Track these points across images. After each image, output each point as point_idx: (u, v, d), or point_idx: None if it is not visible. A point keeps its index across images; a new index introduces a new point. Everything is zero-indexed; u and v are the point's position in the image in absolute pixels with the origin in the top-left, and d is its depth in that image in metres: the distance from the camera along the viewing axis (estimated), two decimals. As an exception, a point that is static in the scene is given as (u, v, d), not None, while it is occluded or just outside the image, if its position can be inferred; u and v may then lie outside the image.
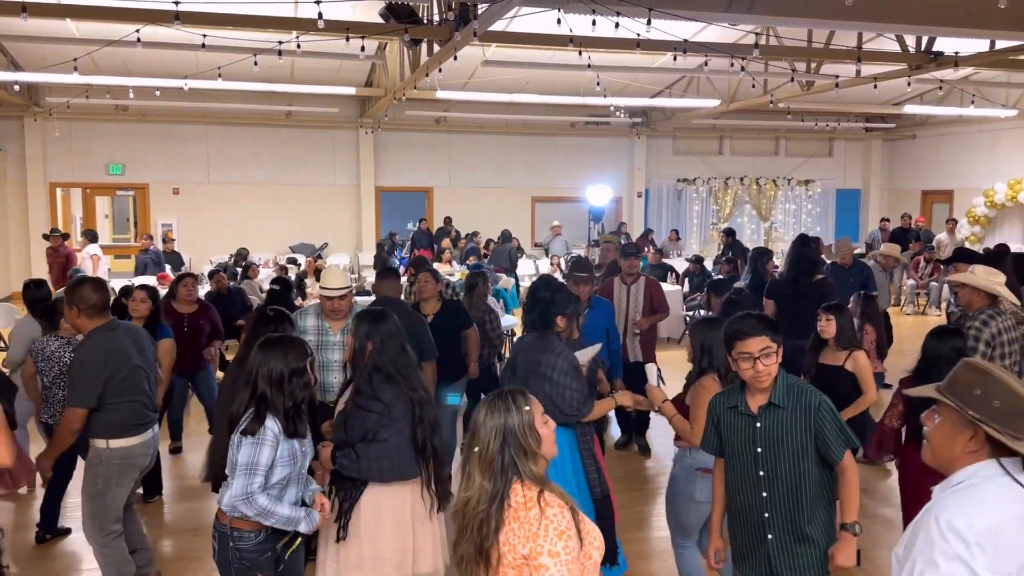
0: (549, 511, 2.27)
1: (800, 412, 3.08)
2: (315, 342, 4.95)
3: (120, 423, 4.09)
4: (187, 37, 8.99)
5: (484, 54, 12.41)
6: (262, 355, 3.25)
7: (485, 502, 2.32)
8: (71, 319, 4.14)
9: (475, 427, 2.41)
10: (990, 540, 1.90)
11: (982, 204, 17.08)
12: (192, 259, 15.56)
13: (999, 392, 2.03)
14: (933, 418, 2.15)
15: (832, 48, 11.34)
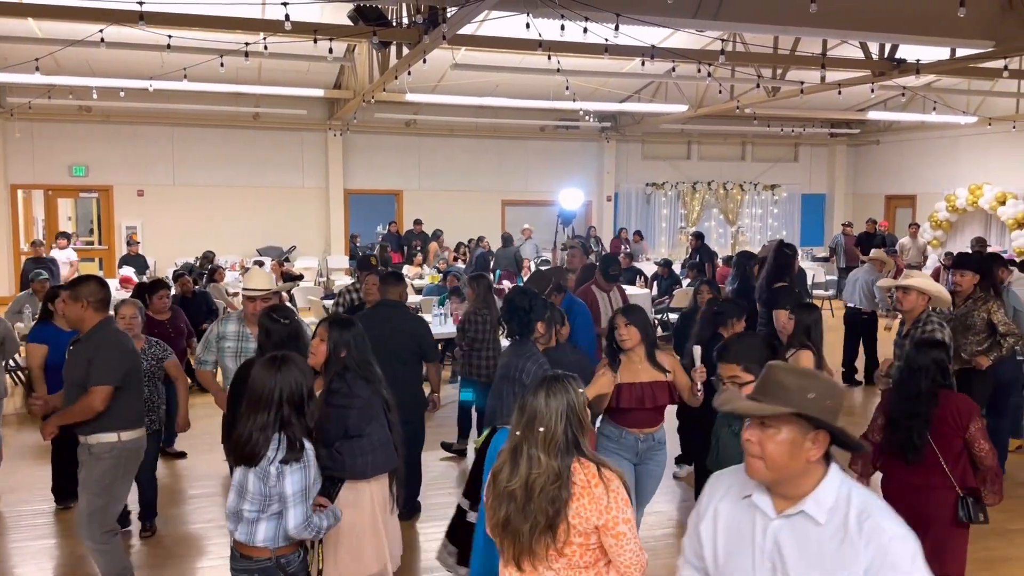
0: (613, 485, 2.54)
1: None
2: (235, 349, 4.84)
3: (133, 415, 4.26)
4: (152, 38, 8.88)
5: (454, 57, 12.42)
6: (279, 376, 3.14)
7: (553, 479, 2.51)
8: (77, 313, 4.20)
9: (535, 410, 2.58)
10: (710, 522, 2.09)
11: (944, 209, 17.40)
12: (157, 262, 15.36)
13: (826, 390, 2.00)
14: (760, 431, 2.01)
15: (797, 55, 11.51)
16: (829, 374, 5.26)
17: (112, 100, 14.03)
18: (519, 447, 2.58)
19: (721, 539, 2.12)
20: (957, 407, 3.86)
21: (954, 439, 3.84)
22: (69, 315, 4.28)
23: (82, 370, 4.12)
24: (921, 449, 3.84)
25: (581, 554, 2.56)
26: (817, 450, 1.97)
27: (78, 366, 4.16)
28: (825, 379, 2.07)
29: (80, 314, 4.19)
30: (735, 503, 2.11)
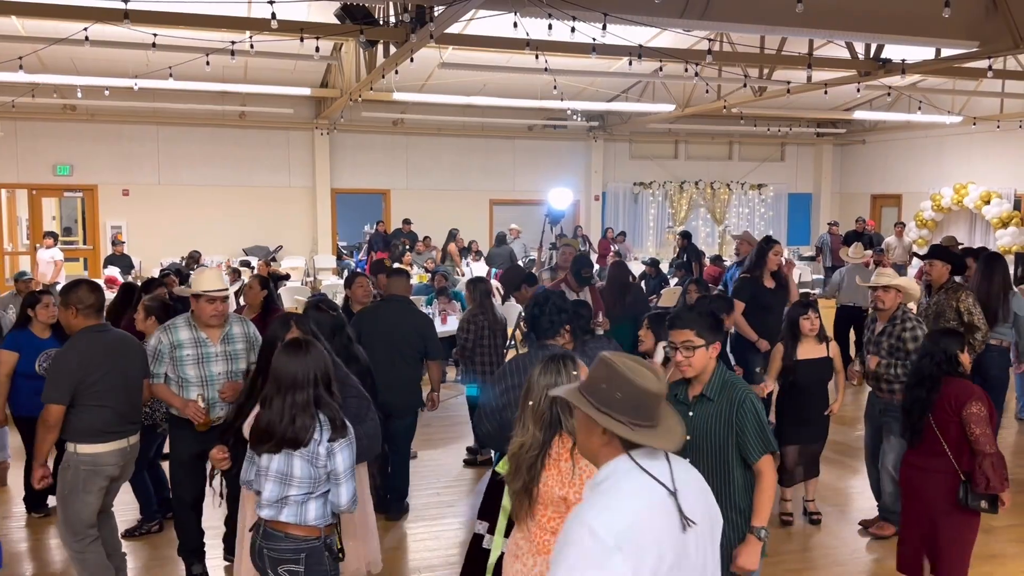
0: (583, 462, 2.66)
1: (725, 407, 3.22)
2: (194, 356, 4.47)
3: (87, 428, 4.07)
4: (137, 36, 8.82)
5: (441, 56, 12.40)
6: (308, 359, 3.20)
7: (536, 448, 2.77)
8: (66, 319, 4.20)
9: (530, 384, 2.87)
10: (629, 540, 1.91)
11: (929, 208, 17.51)
12: (142, 262, 15.26)
13: (619, 384, 2.07)
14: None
15: (784, 54, 11.56)
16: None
17: (97, 99, 13.93)
18: (520, 415, 2.89)
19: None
20: (955, 391, 3.99)
21: (951, 423, 3.96)
22: (62, 321, 4.29)
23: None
24: (920, 432, 4.05)
25: (550, 518, 2.80)
26: (604, 437, 2.10)
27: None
28: (619, 373, 2.09)
29: (68, 320, 4.19)
30: None
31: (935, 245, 7.53)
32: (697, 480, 2.21)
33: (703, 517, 2.13)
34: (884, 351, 5.17)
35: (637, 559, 1.91)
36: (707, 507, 2.18)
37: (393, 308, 5.83)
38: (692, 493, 2.12)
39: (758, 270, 6.79)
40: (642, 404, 2.07)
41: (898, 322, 5.16)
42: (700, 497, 2.16)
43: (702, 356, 3.23)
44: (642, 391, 2.07)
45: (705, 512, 2.15)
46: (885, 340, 5.18)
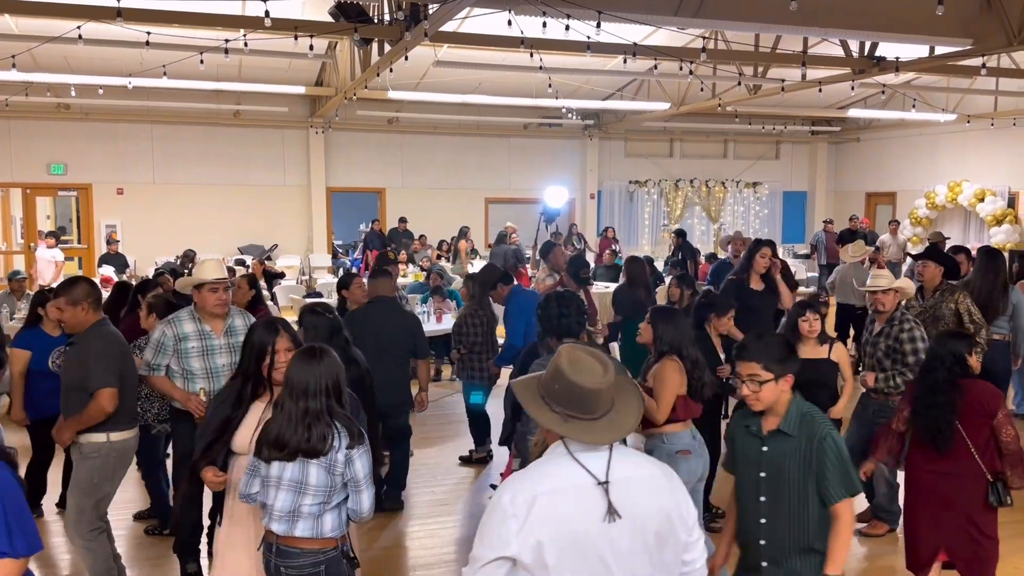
0: None
1: (804, 443, 2.99)
2: (199, 348, 4.51)
3: (124, 416, 4.24)
4: (131, 34, 8.80)
5: (436, 54, 12.38)
6: (321, 368, 3.11)
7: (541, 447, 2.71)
8: (78, 317, 4.24)
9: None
10: (524, 510, 2.09)
11: (923, 206, 17.55)
12: (137, 261, 15.23)
13: (558, 377, 2.21)
14: None
15: (778, 52, 11.57)
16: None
17: (91, 97, 13.89)
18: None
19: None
20: (983, 394, 3.98)
21: (982, 426, 3.95)
22: (69, 320, 4.31)
23: (80, 372, 4.14)
24: (951, 437, 3.95)
25: None
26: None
27: (75, 368, 4.18)
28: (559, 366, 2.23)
29: (80, 318, 4.24)
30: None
31: (930, 246, 7.56)
32: (649, 479, 2.24)
33: (649, 518, 2.18)
34: (881, 351, 5.17)
35: (529, 532, 2.09)
36: (660, 510, 2.21)
37: (380, 309, 5.84)
38: (634, 490, 2.18)
39: (745, 272, 6.80)
40: (576, 398, 2.18)
41: (896, 323, 5.15)
42: (647, 497, 2.20)
43: (771, 390, 3.01)
44: (574, 385, 2.19)
45: (653, 514, 2.20)
46: (883, 341, 5.17)
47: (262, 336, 3.44)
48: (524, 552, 2.09)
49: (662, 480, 2.27)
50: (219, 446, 3.38)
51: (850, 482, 2.95)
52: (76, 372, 4.17)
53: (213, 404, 3.58)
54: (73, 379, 4.18)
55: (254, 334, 3.49)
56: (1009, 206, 16.22)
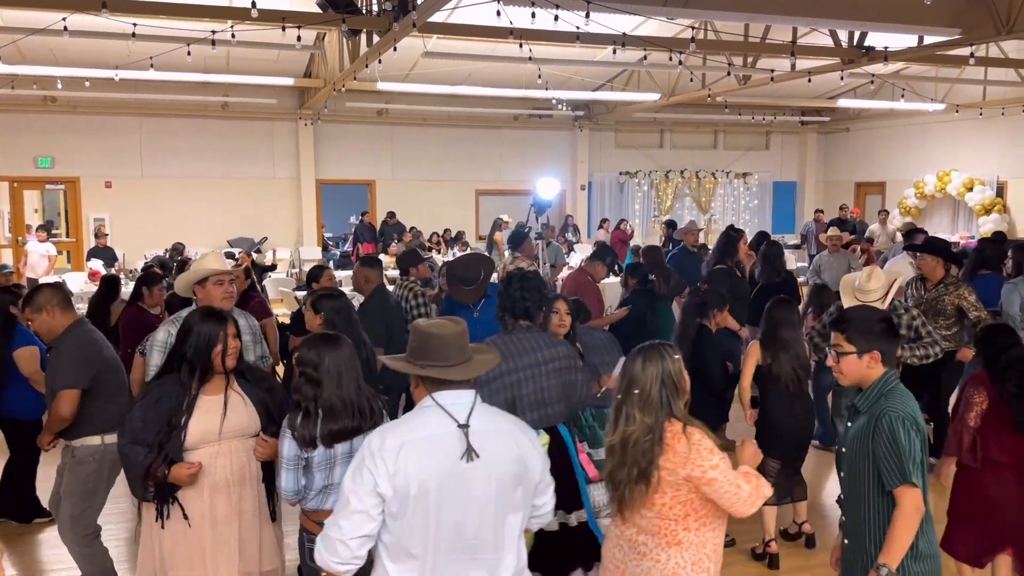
0: (694, 438, 2.83)
1: (867, 421, 2.89)
2: None
3: (117, 417, 4.06)
4: (116, 26, 8.74)
5: (425, 45, 12.33)
6: (348, 348, 3.27)
7: (648, 434, 2.84)
8: (46, 323, 4.18)
9: (633, 374, 2.91)
10: (392, 455, 2.39)
11: (913, 195, 17.60)
12: (126, 254, 15.15)
13: (416, 335, 2.58)
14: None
15: (768, 42, 11.57)
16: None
17: (78, 90, 13.79)
18: (620, 408, 2.93)
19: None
20: None
21: None
22: (40, 328, 4.25)
23: (51, 376, 4.11)
24: None
25: (671, 506, 2.84)
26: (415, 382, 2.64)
27: (49, 373, 4.16)
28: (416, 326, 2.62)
29: (50, 323, 4.18)
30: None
31: (930, 238, 7.51)
32: (508, 432, 2.55)
33: (504, 463, 2.48)
34: None
35: (396, 473, 2.38)
36: (514, 457, 2.51)
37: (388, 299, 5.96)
38: (491, 439, 2.48)
39: (730, 260, 6.82)
40: (430, 346, 2.52)
41: (902, 312, 5.16)
42: (503, 446, 2.50)
43: (852, 364, 2.93)
44: (426, 334, 2.54)
45: (508, 460, 2.49)
46: None
47: (211, 326, 3.39)
48: (392, 491, 2.38)
49: (519, 433, 2.58)
50: (174, 443, 3.31)
51: (901, 471, 2.77)
52: (50, 376, 4.14)
53: (146, 402, 3.38)
54: (49, 383, 4.13)
55: (201, 324, 3.39)
56: (997, 195, 16.29)
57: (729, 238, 7.02)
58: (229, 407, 3.41)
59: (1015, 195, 16.18)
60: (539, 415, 3.90)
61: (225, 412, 3.39)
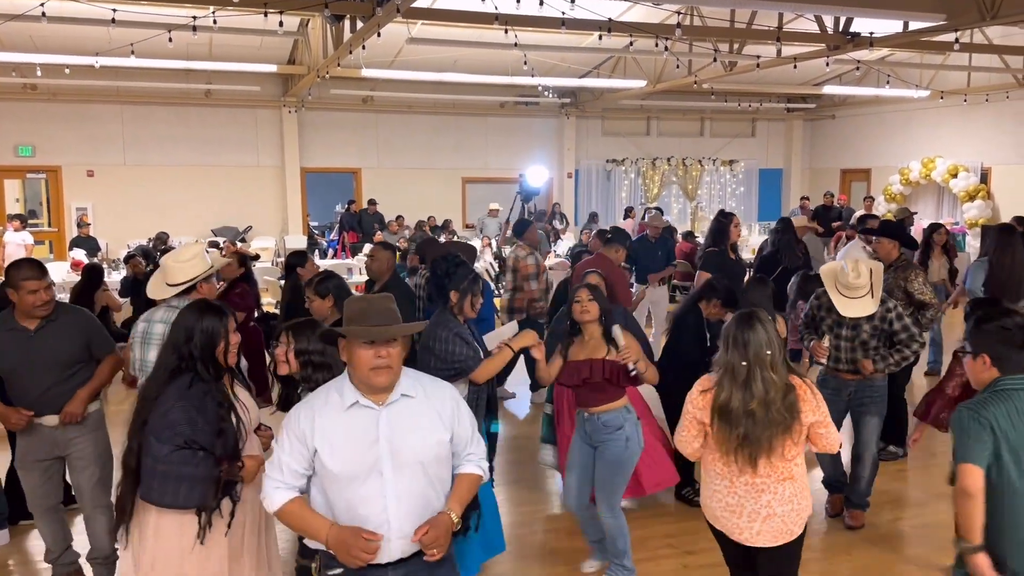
0: (814, 388, 3.29)
1: None
2: None
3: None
4: (96, 12, 8.63)
5: (409, 32, 12.23)
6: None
7: (785, 392, 3.18)
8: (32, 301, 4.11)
9: (746, 339, 3.18)
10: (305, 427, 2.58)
11: (897, 182, 17.67)
12: (109, 244, 15.00)
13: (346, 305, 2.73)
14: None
15: (754, 28, 11.54)
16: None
17: (58, 78, 13.62)
18: (749, 375, 3.16)
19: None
20: None
21: None
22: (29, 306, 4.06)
23: (75, 345, 4.18)
24: None
25: (794, 450, 3.25)
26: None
27: (67, 342, 4.16)
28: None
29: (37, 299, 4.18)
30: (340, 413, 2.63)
31: (884, 222, 7.53)
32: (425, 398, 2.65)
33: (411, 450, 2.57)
34: (866, 334, 4.91)
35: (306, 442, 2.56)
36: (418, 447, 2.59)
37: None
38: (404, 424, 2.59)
39: (723, 243, 6.86)
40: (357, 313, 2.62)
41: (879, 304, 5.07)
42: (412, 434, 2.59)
43: (969, 365, 3.10)
44: (352, 302, 2.71)
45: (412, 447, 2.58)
46: (865, 323, 4.91)
47: (212, 322, 3.23)
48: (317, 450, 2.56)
49: (444, 391, 2.71)
50: (234, 443, 3.19)
51: (960, 451, 2.90)
52: (69, 346, 4.20)
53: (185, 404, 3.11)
54: (66, 355, 4.20)
55: (201, 321, 3.22)
56: (982, 182, 16.37)
57: (720, 223, 7.09)
58: (239, 405, 3.29)
59: (999, 181, 16.27)
60: None
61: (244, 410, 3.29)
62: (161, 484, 3.06)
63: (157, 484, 3.07)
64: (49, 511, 4.37)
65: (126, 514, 3.19)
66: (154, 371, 3.30)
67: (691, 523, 5.21)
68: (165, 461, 3.05)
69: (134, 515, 3.20)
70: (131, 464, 3.16)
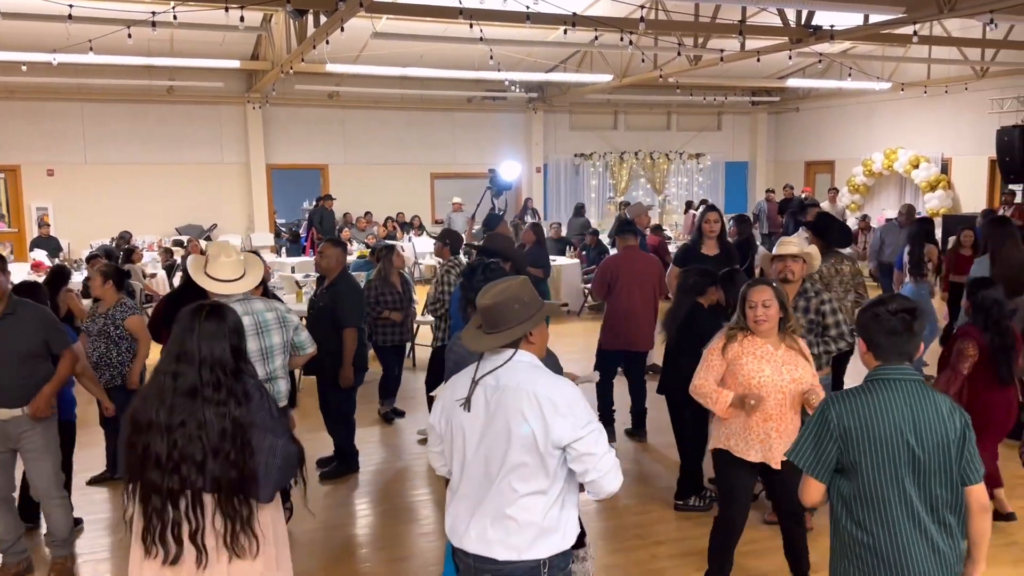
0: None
1: None
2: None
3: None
4: (52, 7, 8.47)
5: (374, 26, 12.14)
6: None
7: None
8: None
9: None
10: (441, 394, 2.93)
11: (861, 173, 17.91)
12: (71, 244, 14.77)
13: (516, 293, 2.80)
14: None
15: (718, 22, 11.62)
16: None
17: (15, 75, 13.35)
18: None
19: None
20: None
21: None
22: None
23: (33, 341, 4.22)
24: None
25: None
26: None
27: (24, 337, 4.21)
28: (508, 287, 2.77)
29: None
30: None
31: (821, 213, 7.23)
32: (517, 391, 2.63)
33: (503, 417, 2.62)
34: (803, 328, 4.77)
35: (439, 416, 2.86)
36: (513, 412, 2.61)
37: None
38: (500, 394, 2.65)
39: (698, 239, 6.89)
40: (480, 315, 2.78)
41: (812, 296, 4.89)
42: (510, 402, 2.62)
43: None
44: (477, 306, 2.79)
45: (506, 414, 2.62)
46: (801, 316, 4.83)
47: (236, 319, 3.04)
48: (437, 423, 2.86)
49: (532, 398, 2.62)
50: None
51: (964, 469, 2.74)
52: (28, 340, 4.26)
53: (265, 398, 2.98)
54: (27, 347, 4.25)
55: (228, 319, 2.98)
56: (942, 172, 16.64)
57: (696, 217, 7.23)
58: None
59: (959, 171, 16.55)
60: None
61: None
62: (279, 476, 2.95)
63: (275, 477, 2.93)
64: (3, 502, 4.43)
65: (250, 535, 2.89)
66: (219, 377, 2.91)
67: (659, 514, 5.27)
68: (282, 452, 2.93)
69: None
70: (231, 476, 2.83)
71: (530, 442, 2.59)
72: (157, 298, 10.85)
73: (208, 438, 2.80)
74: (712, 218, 6.82)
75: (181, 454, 2.80)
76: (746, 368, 3.91)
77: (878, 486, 2.64)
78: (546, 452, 2.60)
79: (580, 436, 2.58)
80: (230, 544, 2.84)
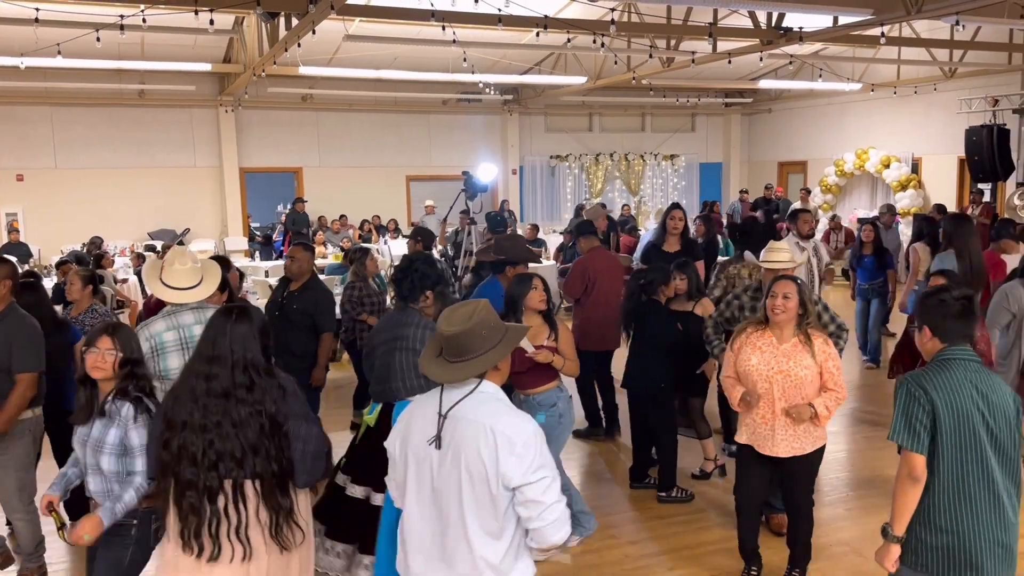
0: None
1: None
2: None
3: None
4: (18, 11, 8.36)
5: (347, 29, 12.10)
6: None
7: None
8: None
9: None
10: (398, 426, 2.79)
11: (833, 173, 18.08)
12: (41, 250, 14.58)
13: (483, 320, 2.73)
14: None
15: (689, 24, 11.69)
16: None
17: (-19, 79, 13.18)
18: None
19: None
20: None
21: None
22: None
23: (3, 353, 4.11)
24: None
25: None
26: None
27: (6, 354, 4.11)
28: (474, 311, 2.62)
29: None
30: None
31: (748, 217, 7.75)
32: (475, 424, 2.52)
33: (469, 455, 2.50)
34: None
35: (395, 442, 2.72)
36: (469, 447, 2.50)
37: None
38: (461, 429, 2.53)
39: (661, 236, 7.00)
40: (440, 341, 2.65)
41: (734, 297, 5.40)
42: (473, 438, 2.50)
43: (918, 340, 3.21)
44: (437, 332, 2.66)
45: (471, 451, 2.50)
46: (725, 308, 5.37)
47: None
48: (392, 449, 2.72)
49: (488, 433, 2.50)
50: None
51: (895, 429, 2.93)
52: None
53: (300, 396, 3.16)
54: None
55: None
56: (913, 171, 16.84)
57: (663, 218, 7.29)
58: None
59: (929, 171, 16.76)
60: (380, 389, 4.26)
61: None
62: (313, 463, 3.07)
63: (310, 464, 3.07)
64: None
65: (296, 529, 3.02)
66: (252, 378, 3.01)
67: (632, 514, 5.29)
68: (316, 439, 3.09)
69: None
70: (273, 470, 2.94)
71: (482, 479, 2.49)
72: (129, 303, 10.75)
73: (246, 436, 2.90)
74: (677, 215, 7.04)
75: (218, 452, 2.88)
76: (741, 357, 4.17)
77: (958, 461, 2.82)
78: (497, 492, 2.49)
79: (529, 481, 2.46)
80: (276, 536, 2.93)
